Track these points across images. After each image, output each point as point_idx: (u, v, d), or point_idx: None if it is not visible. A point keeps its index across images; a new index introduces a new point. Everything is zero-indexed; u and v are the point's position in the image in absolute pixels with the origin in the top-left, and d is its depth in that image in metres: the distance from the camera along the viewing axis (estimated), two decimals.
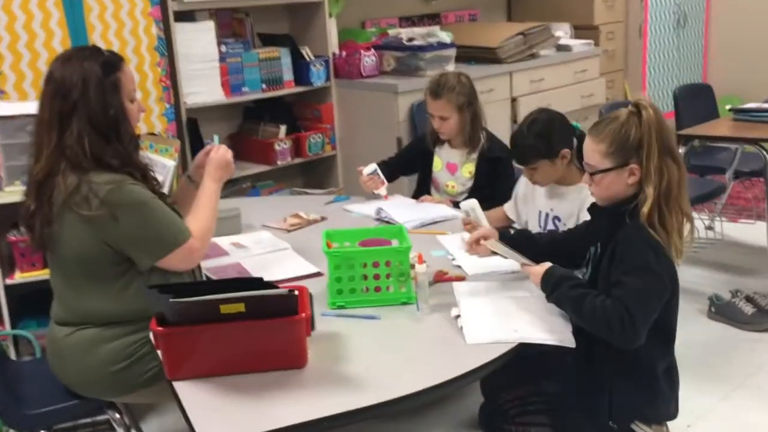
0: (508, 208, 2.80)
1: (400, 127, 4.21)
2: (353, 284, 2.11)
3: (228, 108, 4.16)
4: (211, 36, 3.76)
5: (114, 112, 1.98)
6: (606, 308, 1.81)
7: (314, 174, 4.59)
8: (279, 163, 4.21)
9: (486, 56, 4.63)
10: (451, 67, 4.41)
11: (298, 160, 4.33)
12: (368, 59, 4.32)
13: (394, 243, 2.28)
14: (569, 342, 1.87)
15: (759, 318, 3.41)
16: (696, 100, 4.12)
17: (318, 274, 2.36)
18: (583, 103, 5.14)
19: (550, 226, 2.60)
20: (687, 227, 1.96)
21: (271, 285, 1.66)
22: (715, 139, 3.53)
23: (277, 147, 4.18)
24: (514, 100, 4.70)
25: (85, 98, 1.95)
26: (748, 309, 3.43)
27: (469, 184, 3.10)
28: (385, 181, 3.05)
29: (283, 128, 4.23)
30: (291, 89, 4.22)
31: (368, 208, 2.99)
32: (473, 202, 2.55)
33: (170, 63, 3.59)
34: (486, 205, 2.95)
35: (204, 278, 2.27)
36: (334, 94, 4.37)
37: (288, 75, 4.18)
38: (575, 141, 2.49)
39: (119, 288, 2.04)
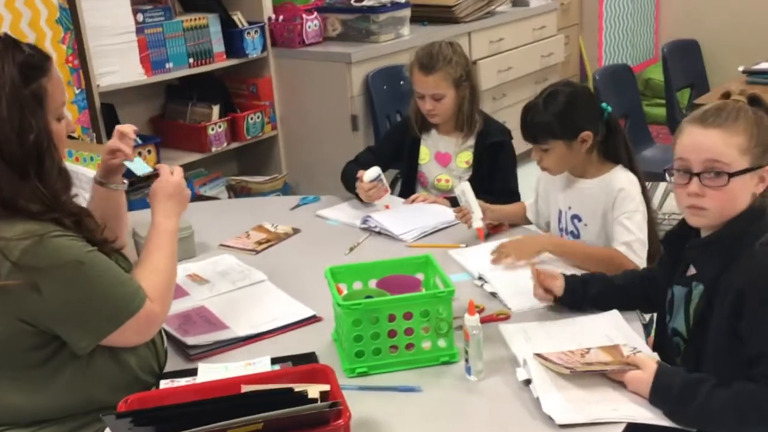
0: (529, 206, 2.31)
1: (354, 103, 3.63)
2: (378, 343, 1.56)
3: (147, 88, 3.48)
4: (124, 3, 3.08)
5: (36, 136, 1.36)
6: None
7: (252, 159, 3.99)
8: (214, 149, 3.59)
9: (441, 16, 4.09)
10: (406, 30, 3.85)
11: (235, 145, 3.71)
12: (311, 24, 3.69)
13: (419, 277, 1.74)
14: None
15: None
16: (684, 57, 3.73)
17: (314, 319, 1.81)
18: (543, 63, 4.69)
19: (570, 227, 2.13)
20: None
21: (303, 398, 1.10)
22: None
23: (210, 131, 3.55)
24: (473, 63, 4.16)
25: None
26: None
27: (466, 176, 2.56)
28: (389, 188, 2.43)
29: (216, 109, 3.60)
30: (223, 63, 3.58)
31: (348, 214, 2.42)
32: (465, 185, 2.19)
33: (77, 38, 2.88)
34: (485, 201, 2.48)
35: (164, 338, 1.67)
36: (272, 65, 3.75)
37: (218, 46, 3.54)
38: (603, 127, 2.04)
39: (45, 377, 1.45)
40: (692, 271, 1.56)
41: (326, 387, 1.19)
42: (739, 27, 5.10)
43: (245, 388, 1.20)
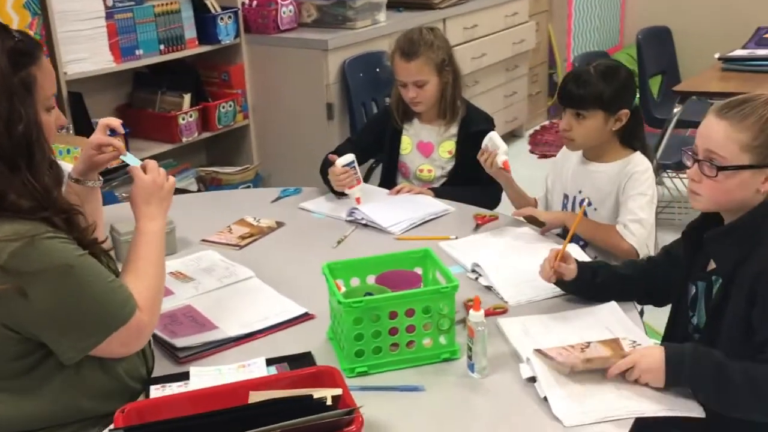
0: (539, 200, 2.31)
1: (330, 91, 3.56)
2: (378, 341, 1.52)
3: (114, 76, 3.36)
4: None
5: (24, 126, 1.28)
6: None
7: (221, 149, 3.89)
8: (184, 140, 3.50)
9: (416, 2, 4.05)
10: (383, 16, 3.80)
11: (206, 135, 3.62)
12: (286, 9, 3.61)
13: (418, 271, 1.70)
14: (697, 409, 1.38)
15: None
16: (656, 44, 3.74)
17: (307, 317, 1.75)
18: (515, 50, 4.67)
19: (577, 212, 2.11)
20: None
21: (323, 405, 1.05)
22: (723, 96, 3.11)
23: (181, 120, 3.45)
24: None
25: None
26: None
27: (450, 166, 2.53)
28: (362, 179, 2.37)
29: (187, 97, 3.50)
30: (195, 49, 3.48)
31: (332, 206, 2.36)
32: (492, 132, 2.22)
33: (45, 24, 2.76)
34: (472, 192, 2.44)
35: (151, 340, 1.59)
36: (245, 52, 3.65)
37: (190, 32, 3.44)
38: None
39: (32, 386, 1.37)
40: (712, 266, 1.55)
41: (338, 391, 1.15)
42: (711, 14, 5.14)
43: (254, 395, 1.15)
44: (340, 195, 2.38)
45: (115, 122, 1.66)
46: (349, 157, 2.33)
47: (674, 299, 1.63)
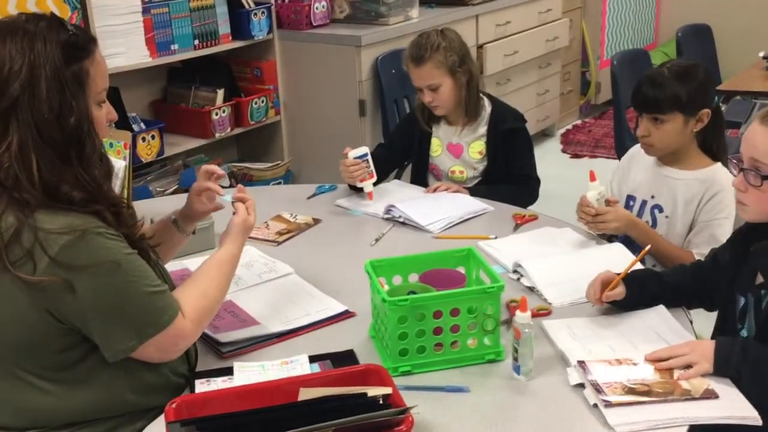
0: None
1: (362, 88, 3.54)
2: (422, 341, 1.50)
3: (149, 70, 3.38)
4: None
5: (76, 119, 1.29)
6: None
7: (252, 145, 3.89)
8: (217, 135, 3.50)
9: None
10: (415, 12, 3.77)
11: (238, 130, 3.62)
12: (319, 5, 3.60)
13: (460, 270, 1.68)
14: (753, 417, 1.35)
15: None
16: (696, 42, 3.68)
17: (348, 314, 1.74)
18: (548, 47, 4.63)
19: (647, 217, 2.06)
20: None
21: (376, 404, 1.03)
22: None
23: (214, 116, 3.46)
24: (480, 47, 4.11)
25: (32, 95, 1.26)
26: None
27: (482, 166, 2.50)
28: (375, 173, 2.34)
29: (220, 93, 3.50)
30: (228, 44, 3.48)
31: (368, 204, 2.34)
32: (598, 187, 1.95)
33: (84, 18, 2.78)
34: (507, 190, 2.43)
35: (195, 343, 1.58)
36: (278, 48, 3.65)
37: (224, 27, 3.44)
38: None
39: (78, 379, 1.38)
40: (760, 279, 1.51)
41: (388, 390, 1.13)
42: (751, 11, 5.06)
43: (304, 392, 1.14)
44: (356, 190, 2.36)
45: (219, 171, 1.73)
46: (362, 150, 2.33)
47: (720, 308, 1.60)
